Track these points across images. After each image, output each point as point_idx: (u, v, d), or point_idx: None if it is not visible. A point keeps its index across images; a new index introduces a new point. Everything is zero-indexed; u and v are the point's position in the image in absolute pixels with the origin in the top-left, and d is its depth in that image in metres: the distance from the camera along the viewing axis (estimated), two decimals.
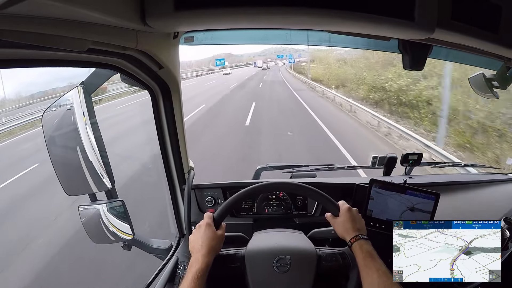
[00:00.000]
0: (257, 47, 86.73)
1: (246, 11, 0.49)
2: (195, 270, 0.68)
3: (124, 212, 0.82)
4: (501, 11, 0.61)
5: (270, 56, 57.43)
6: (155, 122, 0.94)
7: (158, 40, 0.69)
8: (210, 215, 0.79)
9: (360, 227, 0.79)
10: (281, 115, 9.25)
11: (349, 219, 0.79)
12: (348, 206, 0.82)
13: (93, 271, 2.53)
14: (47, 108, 0.76)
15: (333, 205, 0.83)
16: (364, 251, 0.72)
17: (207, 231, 0.76)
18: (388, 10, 0.51)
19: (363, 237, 0.76)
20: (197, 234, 0.77)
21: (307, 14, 0.50)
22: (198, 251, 0.72)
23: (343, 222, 0.79)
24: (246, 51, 73.96)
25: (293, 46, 21.00)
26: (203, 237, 0.74)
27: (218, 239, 0.76)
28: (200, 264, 0.69)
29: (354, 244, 0.75)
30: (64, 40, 0.44)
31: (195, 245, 0.74)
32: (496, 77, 0.89)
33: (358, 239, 0.75)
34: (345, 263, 0.78)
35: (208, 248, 0.73)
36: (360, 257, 0.72)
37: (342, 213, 0.81)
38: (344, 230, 0.78)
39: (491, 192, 1.29)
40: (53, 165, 0.73)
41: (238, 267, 0.78)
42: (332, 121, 8.11)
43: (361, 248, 0.73)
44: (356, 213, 0.82)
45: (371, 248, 0.73)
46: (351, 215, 0.80)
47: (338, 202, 0.84)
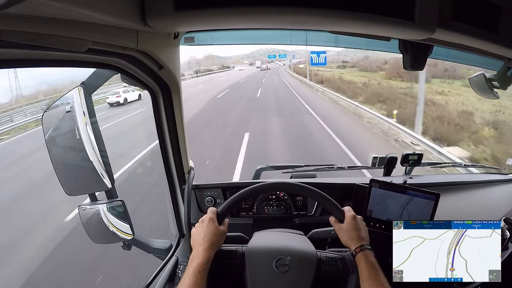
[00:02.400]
0: (245, 49, 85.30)
1: (246, 11, 0.49)
2: (196, 264, 0.68)
3: (124, 212, 0.82)
4: (501, 11, 0.61)
5: (259, 57, 56.64)
6: (155, 122, 0.94)
7: (158, 40, 0.69)
8: (214, 210, 0.79)
9: (364, 235, 0.78)
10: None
11: (355, 227, 0.78)
12: (354, 213, 0.81)
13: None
14: (47, 108, 0.76)
15: (338, 210, 0.82)
16: (368, 263, 0.71)
17: (210, 225, 0.75)
18: (389, 10, 0.51)
19: (367, 247, 0.75)
20: (199, 228, 0.76)
21: (307, 14, 0.50)
22: (200, 245, 0.72)
23: (348, 230, 0.78)
24: (234, 53, 72.84)
25: (285, 47, 17.89)
26: (206, 232, 0.74)
27: (220, 235, 0.76)
28: (202, 258, 0.69)
29: (359, 254, 0.73)
30: (64, 40, 0.44)
31: (197, 239, 0.74)
32: (496, 77, 0.89)
33: (363, 249, 0.74)
34: (345, 268, 0.78)
35: (210, 242, 0.72)
36: (364, 269, 0.71)
37: (347, 220, 0.79)
38: (349, 238, 0.77)
39: (491, 192, 1.29)
40: (53, 165, 0.73)
41: (238, 264, 0.78)
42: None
43: (366, 260, 0.72)
44: (361, 221, 0.81)
45: (375, 260, 0.73)
46: (356, 224, 0.79)
47: (344, 208, 0.83)
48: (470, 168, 1.87)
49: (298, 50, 40.84)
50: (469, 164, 1.75)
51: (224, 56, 70.41)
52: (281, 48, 45.94)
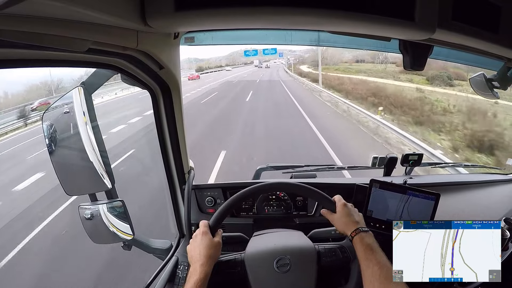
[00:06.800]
0: (224, 51, 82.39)
1: (246, 11, 0.49)
2: (194, 281, 0.68)
3: (124, 212, 0.82)
4: (501, 11, 0.61)
5: (238, 58, 55.23)
6: (155, 122, 0.94)
7: (158, 40, 0.69)
8: (206, 223, 0.79)
9: (358, 219, 0.79)
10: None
11: (347, 213, 0.80)
12: (344, 201, 0.83)
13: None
14: (48, 107, 0.76)
15: (328, 201, 0.83)
16: (364, 244, 0.73)
17: (204, 239, 0.76)
18: (389, 10, 0.51)
19: (363, 229, 0.76)
20: (194, 243, 0.77)
21: (308, 14, 0.50)
22: (197, 261, 0.72)
23: (341, 217, 0.80)
24: (213, 55, 70.84)
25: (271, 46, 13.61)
26: (200, 246, 0.74)
27: (215, 247, 0.76)
28: (199, 275, 0.69)
29: (354, 237, 0.75)
30: (64, 40, 0.44)
31: (193, 255, 0.74)
32: (496, 77, 0.89)
33: (358, 232, 0.75)
34: (345, 257, 0.79)
35: (206, 257, 0.73)
36: (360, 250, 0.72)
37: (339, 209, 0.81)
38: (344, 225, 0.79)
39: (491, 192, 1.29)
40: (53, 165, 0.73)
41: (239, 271, 0.78)
42: None
43: (362, 241, 0.73)
44: (353, 207, 0.83)
45: (371, 241, 0.74)
46: (348, 210, 0.81)
47: (334, 198, 0.84)
48: (470, 168, 1.86)
49: (282, 49, 39.91)
50: (469, 164, 1.75)
51: (202, 58, 68.04)
52: (265, 47, 44.91)
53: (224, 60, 64.23)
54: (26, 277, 2.63)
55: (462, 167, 2.01)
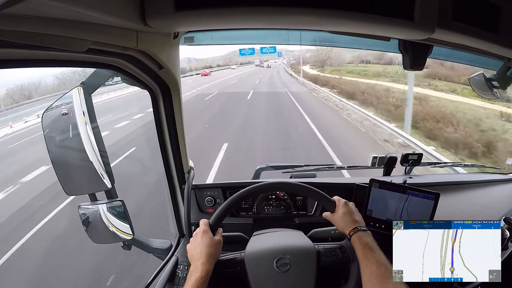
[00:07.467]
0: (221, 51, 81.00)
1: (246, 11, 0.49)
2: (195, 279, 0.68)
3: (124, 212, 0.82)
4: (501, 11, 0.61)
5: (235, 58, 54.62)
6: (155, 122, 0.94)
7: (158, 40, 0.69)
8: (206, 222, 0.79)
9: (358, 219, 0.79)
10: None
11: (347, 212, 0.80)
12: (344, 200, 0.83)
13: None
14: (47, 107, 0.76)
15: (328, 201, 0.83)
16: (362, 243, 0.72)
17: (204, 238, 0.76)
18: (388, 10, 0.51)
19: (362, 228, 0.76)
20: (194, 242, 0.77)
21: (307, 14, 0.50)
22: (197, 260, 0.72)
23: (341, 217, 0.80)
24: (210, 55, 69.97)
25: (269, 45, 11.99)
26: (201, 245, 0.74)
27: (216, 245, 0.76)
28: (200, 273, 0.69)
29: (353, 236, 0.75)
30: (64, 40, 0.44)
31: (194, 254, 0.74)
32: (496, 77, 0.89)
33: (356, 231, 0.75)
34: (345, 257, 0.79)
35: (207, 255, 0.72)
36: (359, 249, 0.72)
37: (338, 208, 0.81)
38: (344, 224, 0.79)
39: (491, 192, 1.29)
40: (53, 165, 0.73)
41: (239, 271, 0.78)
42: None
43: (360, 240, 0.73)
44: (353, 206, 0.83)
45: (370, 240, 0.74)
46: (349, 209, 0.81)
47: (333, 198, 0.84)
48: (470, 168, 1.86)
49: (281, 49, 39.46)
50: (469, 164, 1.74)
51: (199, 58, 67.19)
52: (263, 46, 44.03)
53: (221, 60, 63.84)
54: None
55: (461, 166, 2.01)
